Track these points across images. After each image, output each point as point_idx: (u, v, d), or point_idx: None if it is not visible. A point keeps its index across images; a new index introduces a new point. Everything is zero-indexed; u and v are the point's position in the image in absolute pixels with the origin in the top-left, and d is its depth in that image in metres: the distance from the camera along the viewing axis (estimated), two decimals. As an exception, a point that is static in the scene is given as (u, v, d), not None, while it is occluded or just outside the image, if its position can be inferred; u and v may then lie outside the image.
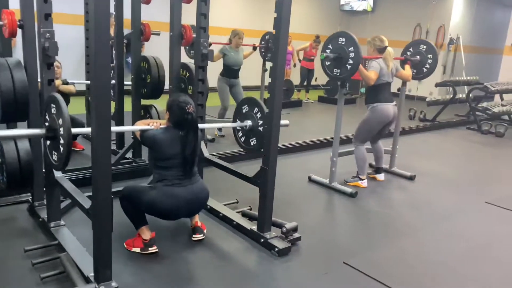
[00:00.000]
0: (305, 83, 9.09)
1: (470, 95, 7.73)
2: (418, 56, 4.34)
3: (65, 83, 4.04)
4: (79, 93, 4.38)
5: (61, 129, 2.00)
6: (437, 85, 7.99)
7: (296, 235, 2.77)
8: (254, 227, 2.78)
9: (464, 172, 4.90)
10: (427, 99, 7.75)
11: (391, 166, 4.49)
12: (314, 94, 9.61)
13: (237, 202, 3.34)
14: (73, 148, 4.36)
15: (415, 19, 10.70)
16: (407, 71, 4.16)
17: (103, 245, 2.01)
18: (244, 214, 3.05)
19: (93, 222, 2.02)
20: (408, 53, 4.39)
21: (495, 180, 4.60)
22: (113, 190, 2.02)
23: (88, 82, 4.00)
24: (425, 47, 4.34)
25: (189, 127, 2.49)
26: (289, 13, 2.44)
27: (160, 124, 2.57)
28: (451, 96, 7.67)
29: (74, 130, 2.03)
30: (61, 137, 2.02)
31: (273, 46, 2.51)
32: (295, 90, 8.73)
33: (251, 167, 2.76)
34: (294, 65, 9.18)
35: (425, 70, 4.36)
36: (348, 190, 3.74)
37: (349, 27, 11.52)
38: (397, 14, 10.96)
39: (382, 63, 3.78)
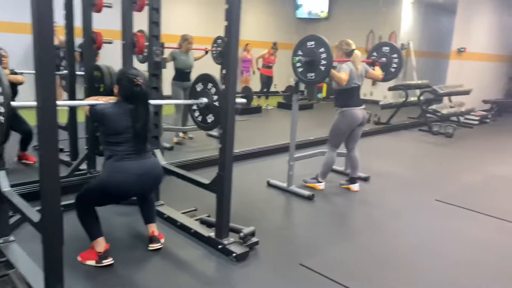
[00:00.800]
0: (265, 90, 9.20)
1: (421, 98, 8.08)
2: (384, 58, 4.40)
3: (13, 73, 3.88)
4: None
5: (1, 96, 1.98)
6: (390, 89, 8.28)
7: (254, 239, 2.79)
8: (212, 234, 2.78)
9: (416, 171, 5.09)
10: (380, 103, 8.02)
11: (346, 169, 4.60)
12: (274, 101, 9.73)
13: (195, 210, 3.33)
14: (24, 161, 4.22)
15: (368, 26, 11.08)
16: (378, 71, 4.18)
17: (54, 259, 1.95)
18: (202, 222, 3.04)
19: (42, 236, 1.95)
20: (373, 57, 4.45)
21: (444, 178, 4.81)
22: (66, 203, 1.97)
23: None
24: (388, 48, 4.43)
25: (139, 100, 2.43)
26: (239, 21, 2.47)
27: (110, 100, 2.51)
28: (404, 99, 7.97)
29: (16, 104, 2.01)
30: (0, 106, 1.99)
31: (225, 49, 2.52)
32: (255, 97, 8.79)
33: (212, 174, 2.75)
34: (253, 72, 9.28)
35: (392, 70, 4.42)
36: (306, 193, 3.81)
37: (305, 34, 11.73)
38: (351, 21, 11.30)
39: (352, 65, 3.80)
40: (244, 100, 2.88)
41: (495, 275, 2.68)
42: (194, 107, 2.96)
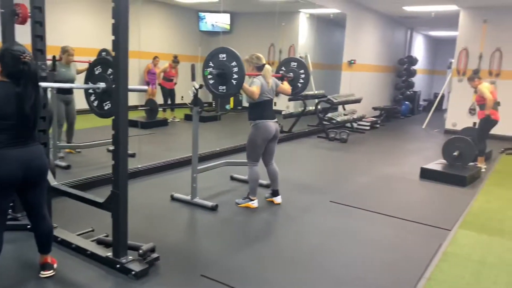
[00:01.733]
0: (169, 102, 9.09)
1: (318, 107, 8.59)
2: (291, 74, 4.50)
3: None
4: None
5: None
6: (290, 99, 8.68)
7: (154, 255, 2.74)
8: (110, 254, 2.68)
9: (314, 175, 5.40)
10: (282, 112, 8.37)
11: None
12: (181, 113, 9.65)
13: (93, 230, 3.17)
14: None
15: (269, 39, 11.52)
16: (286, 85, 4.24)
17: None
18: (99, 242, 2.91)
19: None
20: (281, 72, 4.54)
21: (339, 181, 5.16)
22: None
23: None
24: (295, 63, 4.53)
25: (27, 80, 2.20)
26: (127, 36, 2.44)
27: None
28: (303, 109, 8.41)
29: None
30: None
31: (114, 66, 2.47)
32: (160, 109, 8.65)
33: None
34: (159, 84, 9.13)
35: (299, 85, 4.54)
36: (209, 204, 3.84)
37: (209, 47, 11.86)
38: (253, 35, 11.66)
39: (263, 80, 3.81)
40: (145, 87, 2.87)
41: (385, 267, 2.94)
42: (90, 91, 2.76)
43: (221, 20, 12.14)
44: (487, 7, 8.87)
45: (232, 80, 3.52)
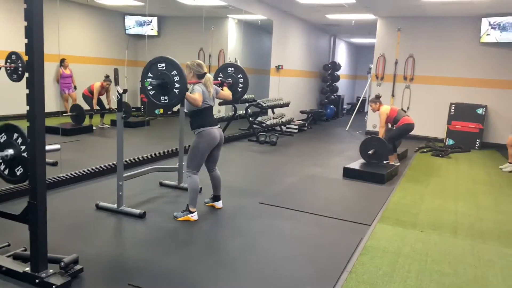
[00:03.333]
0: (97, 108, 8.72)
1: (249, 111, 8.72)
2: (230, 79, 4.47)
3: None
4: None
5: None
6: (220, 104, 8.72)
7: (77, 267, 2.62)
8: (28, 269, 2.52)
9: (245, 178, 5.47)
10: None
11: (180, 182, 4.68)
12: (107, 119, 9.29)
13: (8, 245, 2.96)
14: None
15: (198, 44, 11.47)
16: (226, 91, 4.22)
17: None
18: (16, 257, 2.73)
19: None
20: (219, 79, 4.49)
21: (268, 182, 5.28)
22: None
23: None
24: (232, 69, 4.48)
25: None
26: (42, 38, 2.32)
27: None
28: (233, 113, 8.48)
29: None
30: None
31: (28, 73, 2.34)
32: (87, 115, 8.26)
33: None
34: (75, 88, 8.71)
35: (239, 90, 4.51)
36: (137, 211, 3.74)
37: (137, 50, 11.58)
38: (182, 39, 11.55)
39: (203, 87, 3.73)
40: (57, 146, 2.64)
41: (310, 263, 3.06)
42: None
43: (149, 24, 11.89)
44: (401, 17, 9.59)
45: (174, 90, 3.41)
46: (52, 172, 4.63)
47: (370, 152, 5.84)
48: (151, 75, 3.46)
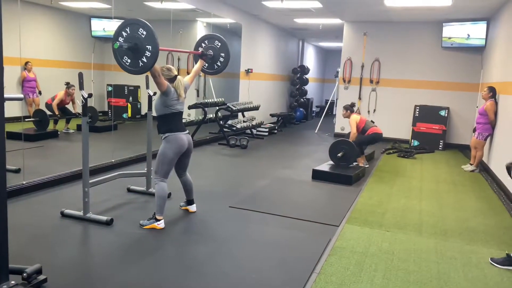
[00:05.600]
0: (61, 113, 8.48)
1: (219, 114, 8.70)
2: (211, 51, 4.25)
3: None
4: None
5: None
6: (190, 107, 8.66)
7: (41, 277, 2.54)
8: (-13, 281, 2.42)
9: (215, 182, 5.46)
10: (183, 121, 8.30)
11: (148, 188, 4.62)
12: (74, 123, 9.06)
13: (-33, 257, 2.84)
14: None
15: (166, 47, 11.37)
16: (198, 66, 4.14)
17: None
18: (-25, 269, 2.62)
19: None
20: (201, 49, 4.30)
21: (238, 185, 5.29)
22: None
23: None
24: (220, 44, 4.31)
25: None
26: (0, 40, 2.24)
27: None
28: (203, 116, 8.45)
29: None
30: None
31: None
32: (51, 120, 8.03)
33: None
34: (40, 93, 8.45)
35: (216, 66, 4.34)
36: (103, 218, 3.67)
37: (104, 54, 11.36)
38: (150, 42, 11.41)
39: (173, 91, 3.65)
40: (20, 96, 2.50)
41: (280, 266, 3.08)
42: None
43: (115, 27, 11.68)
44: (367, 21, 9.83)
45: (146, 54, 3.21)
46: (14, 179, 4.48)
47: (339, 154, 5.95)
48: (122, 39, 3.30)
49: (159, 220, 3.68)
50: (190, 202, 4.14)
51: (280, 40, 12.29)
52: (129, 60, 3.32)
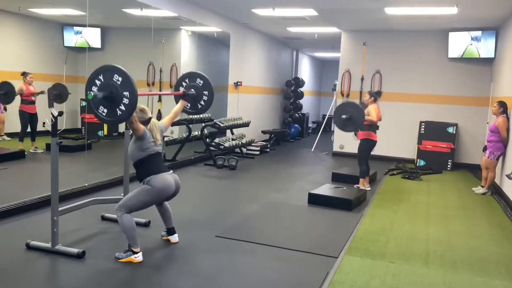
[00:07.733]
0: (29, 130, 8.44)
1: (205, 132, 8.72)
2: (193, 90, 4.35)
3: None
4: None
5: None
6: (173, 124, 8.66)
7: (1, 320, 2.50)
8: None
9: (200, 208, 5.44)
10: (165, 139, 8.31)
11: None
12: (42, 143, 9.00)
13: None
14: None
15: (147, 57, 11.43)
16: (179, 106, 4.23)
17: None
18: None
19: None
20: (184, 84, 4.37)
21: (226, 212, 5.28)
22: None
23: None
24: (202, 81, 4.38)
25: None
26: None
27: None
28: (188, 134, 8.46)
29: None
30: None
31: None
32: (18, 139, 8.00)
33: None
34: (5, 109, 8.41)
35: (199, 106, 4.41)
36: (74, 251, 3.62)
37: (77, 65, 11.39)
38: (129, 53, 11.46)
39: (149, 134, 3.70)
40: None
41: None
42: None
43: (90, 35, 11.76)
44: (366, 30, 10.00)
45: (123, 103, 3.26)
46: (-27, 207, 4.42)
47: (344, 116, 6.04)
48: (96, 87, 3.32)
49: (136, 253, 3.63)
50: (170, 231, 4.11)
51: (272, 50, 12.44)
52: (105, 110, 3.37)
